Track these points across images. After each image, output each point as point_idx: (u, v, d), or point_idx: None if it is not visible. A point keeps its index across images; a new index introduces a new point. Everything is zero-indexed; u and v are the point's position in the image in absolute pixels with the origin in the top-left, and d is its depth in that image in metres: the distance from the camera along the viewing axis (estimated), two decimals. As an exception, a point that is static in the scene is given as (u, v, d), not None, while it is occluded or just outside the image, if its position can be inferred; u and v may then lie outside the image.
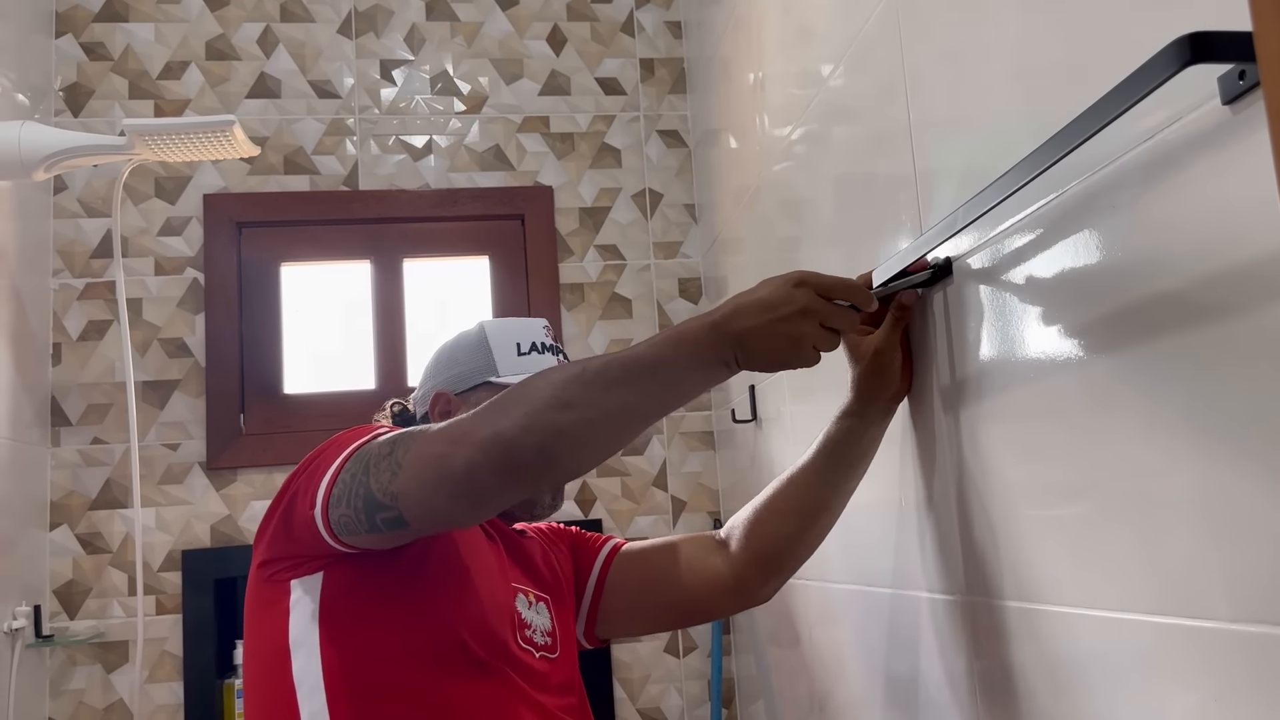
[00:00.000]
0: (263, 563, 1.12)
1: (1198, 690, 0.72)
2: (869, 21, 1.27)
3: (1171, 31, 0.62)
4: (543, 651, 1.19)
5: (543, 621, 1.22)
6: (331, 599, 1.08)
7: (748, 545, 1.30)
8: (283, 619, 1.08)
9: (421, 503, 0.96)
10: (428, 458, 0.95)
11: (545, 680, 1.16)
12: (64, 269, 2.23)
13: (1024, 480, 0.95)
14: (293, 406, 2.31)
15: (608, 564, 1.36)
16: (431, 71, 2.45)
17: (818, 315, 0.94)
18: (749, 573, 1.30)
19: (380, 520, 0.98)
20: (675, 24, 2.55)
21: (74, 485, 2.17)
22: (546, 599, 1.26)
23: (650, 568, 1.35)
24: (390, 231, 2.40)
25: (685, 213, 2.47)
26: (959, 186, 1.05)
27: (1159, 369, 0.74)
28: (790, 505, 1.26)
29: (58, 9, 2.32)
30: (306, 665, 1.06)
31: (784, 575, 1.31)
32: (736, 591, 1.31)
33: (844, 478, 1.23)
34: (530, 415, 0.91)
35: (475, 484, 0.93)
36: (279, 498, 1.08)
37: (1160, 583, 0.75)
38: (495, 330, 1.29)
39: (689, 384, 0.95)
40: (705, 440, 2.40)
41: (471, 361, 1.27)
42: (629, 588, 1.35)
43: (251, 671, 1.12)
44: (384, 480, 0.97)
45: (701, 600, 1.33)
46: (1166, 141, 0.72)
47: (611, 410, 0.92)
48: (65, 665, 2.11)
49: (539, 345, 1.28)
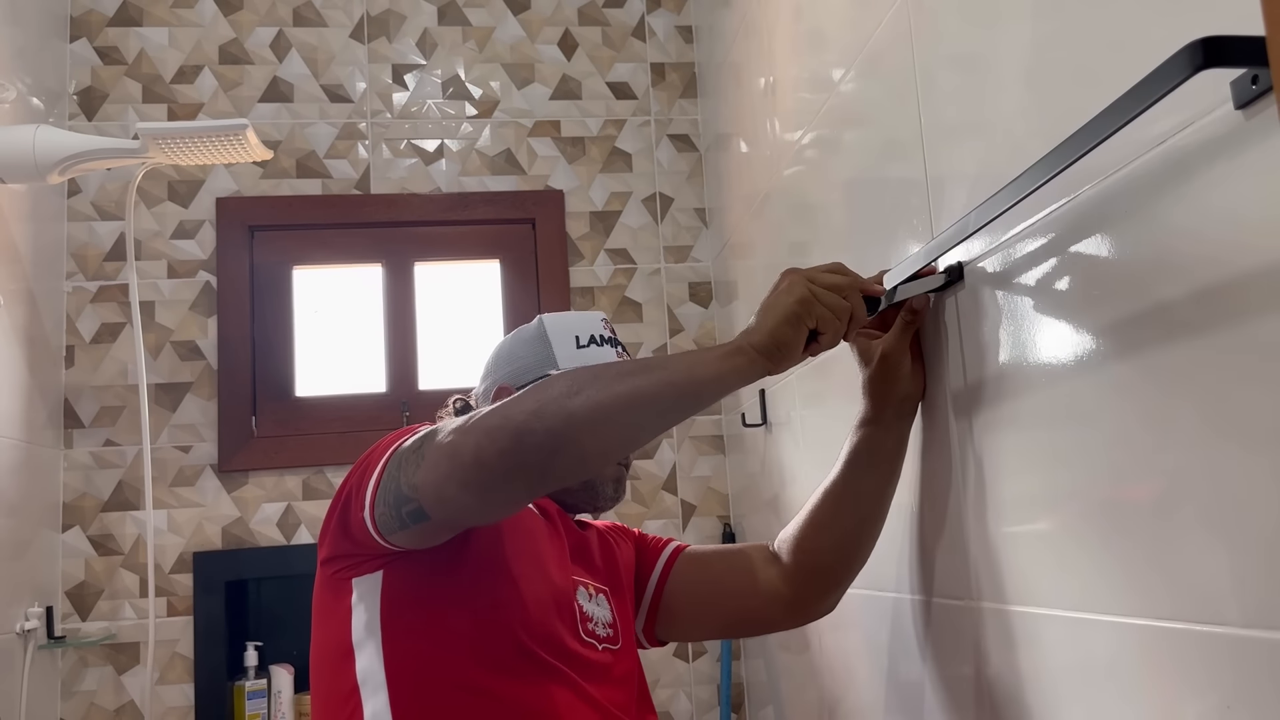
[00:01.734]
0: (325, 560, 1.13)
1: (1209, 697, 0.71)
2: (880, 26, 1.27)
3: (1184, 36, 0.62)
4: (605, 644, 1.19)
5: (604, 614, 1.22)
6: (392, 598, 1.09)
7: (797, 560, 1.29)
8: (346, 617, 1.10)
9: (436, 493, 0.97)
10: (443, 447, 0.96)
11: (607, 672, 1.16)
12: (77, 272, 2.25)
13: (1034, 485, 0.94)
14: (304, 409, 2.31)
15: (669, 565, 1.36)
16: (443, 76, 2.45)
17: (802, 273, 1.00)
18: (804, 587, 1.29)
19: (405, 514, 1.00)
20: (686, 29, 2.55)
21: (86, 487, 2.18)
22: (606, 590, 1.25)
23: (711, 574, 1.35)
24: (401, 235, 2.41)
25: (696, 217, 2.47)
26: (970, 191, 1.05)
27: (1170, 374, 0.74)
28: (827, 519, 1.25)
29: (73, 13, 2.34)
30: (370, 665, 1.08)
31: (840, 587, 1.30)
32: (794, 604, 1.30)
33: (875, 485, 1.22)
34: (542, 402, 0.92)
35: (484, 471, 0.93)
36: (337, 497, 1.10)
37: (1172, 588, 0.75)
38: (554, 324, 1.30)
39: (704, 375, 0.95)
40: (715, 444, 2.39)
41: (532, 355, 1.28)
42: (689, 591, 1.35)
43: (317, 668, 1.14)
44: (409, 473, 0.99)
45: (759, 611, 1.33)
46: (1179, 146, 0.72)
47: (621, 394, 0.92)
48: (77, 666, 2.12)
49: (597, 338, 1.29)
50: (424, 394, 2.34)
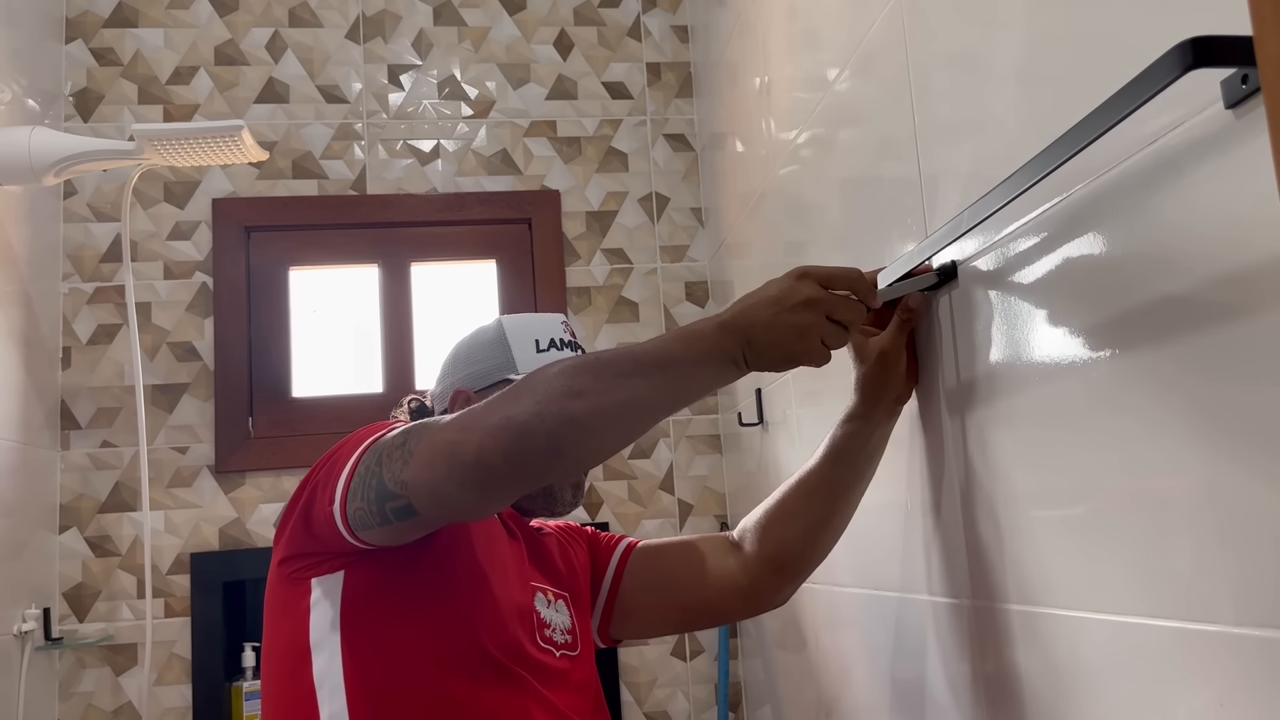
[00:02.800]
0: (283, 560, 1.12)
1: (1204, 694, 0.72)
2: (875, 26, 1.27)
3: (1174, 36, 0.62)
4: (563, 650, 1.19)
5: (562, 620, 1.21)
6: (352, 599, 1.08)
7: (760, 549, 1.29)
8: (303, 618, 1.09)
9: (431, 491, 0.96)
10: (439, 445, 0.95)
11: (565, 679, 1.16)
12: (74, 273, 2.25)
13: (1030, 484, 0.95)
14: (301, 410, 2.31)
15: (623, 562, 1.35)
16: (439, 76, 2.45)
17: (822, 306, 0.94)
18: (762, 577, 1.29)
19: (390, 510, 0.98)
20: (682, 28, 2.55)
21: (83, 488, 2.18)
22: (565, 596, 1.25)
23: (665, 566, 1.34)
24: (398, 235, 2.41)
25: (692, 216, 2.47)
26: (964, 190, 1.05)
27: (1164, 372, 0.74)
28: (799, 509, 1.25)
29: (68, 15, 2.34)
30: (328, 666, 1.06)
31: (798, 579, 1.30)
32: (750, 595, 1.30)
33: (851, 481, 1.22)
34: (542, 403, 0.90)
35: (485, 471, 0.92)
36: (298, 494, 1.08)
37: (1167, 587, 0.75)
38: (513, 327, 1.28)
39: (698, 381, 0.95)
40: (712, 444, 2.40)
41: (490, 359, 1.27)
42: (643, 586, 1.34)
43: (271, 670, 1.12)
44: (395, 469, 0.97)
45: (714, 603, 1.32)
46: (1170, 145, 0.72)
47: (622, 401, 0.91)
48: (74, 668, 2.11)
49: (557, 341, 1.27)
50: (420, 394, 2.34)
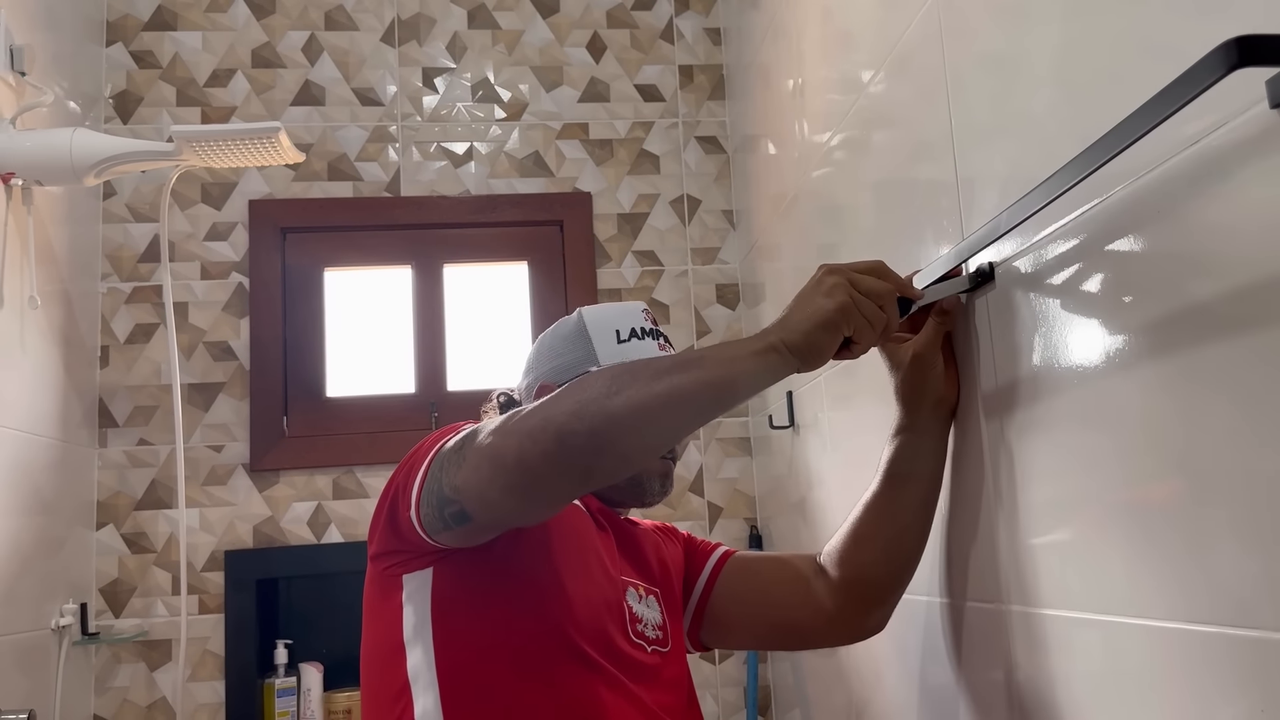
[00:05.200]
0: (375, 556, 1.13)
1: (1243, 701, 0.71)
2: (910, 27, 1.27)
3: (1218, 35, 0.61)
4: (655, 645, 1.17)
5: (654, 615, 1.20)
6: (443, 596, 1.09)
7: (840, 575, 1.25)
8: (396, 614, 1.10)
9: (479, 496, 0.97)
10: (484, 449, 0.96)
11: (656, 675, 1.15)
12: (112, 273, 2.28)
13: (1066, 487, 0.94)
14: (335, 409, 2.33)
15: (717, 569, 1.33)
16: (473, 79, 2.47)
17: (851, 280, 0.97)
18: (847, 604, 1.25)
19: (448, 515, 1.00)
20: (714, 31, 2.55)
21: (120, 486, 2.21)
22: (656, 592, 1.24)
23: (759, 583, 1.32)
24: (431, 237, 2.42)
25: (723, 219, 2.47)
26: (1001, 192, 1.04)
27: (1204, 376, 0.73)
28: (868, 532, 1.22)
29: (109, 18, 2.37)
30: (421, 661, 1.07)
31: (885, 604, 1.26)
32: (837, 621, 1.26)
33: (914, 496, 1.18)
34: (581, 403, 0.91)
35: (527, 474, 0.93)
36: (385, 493, 1.10)
37: (1206, 591, 0.74)
38: (594, 318, 1.28)
39: (740, 372, 0.94)
40: (742, 446, 2.39)
41: (572, 352, 1.27)
42: (734, 598, 1.32)
43: (368, 664, 1.14)
44: (451, 475, 0.99)
45: (803, 624, 1.29)
46: (1213, 146, 0.71)
47: (659, 394, 0.91)
48: (110, 662, 2.14)
49: (638, 331, 1.27)
50: (452, 395, 2.35)
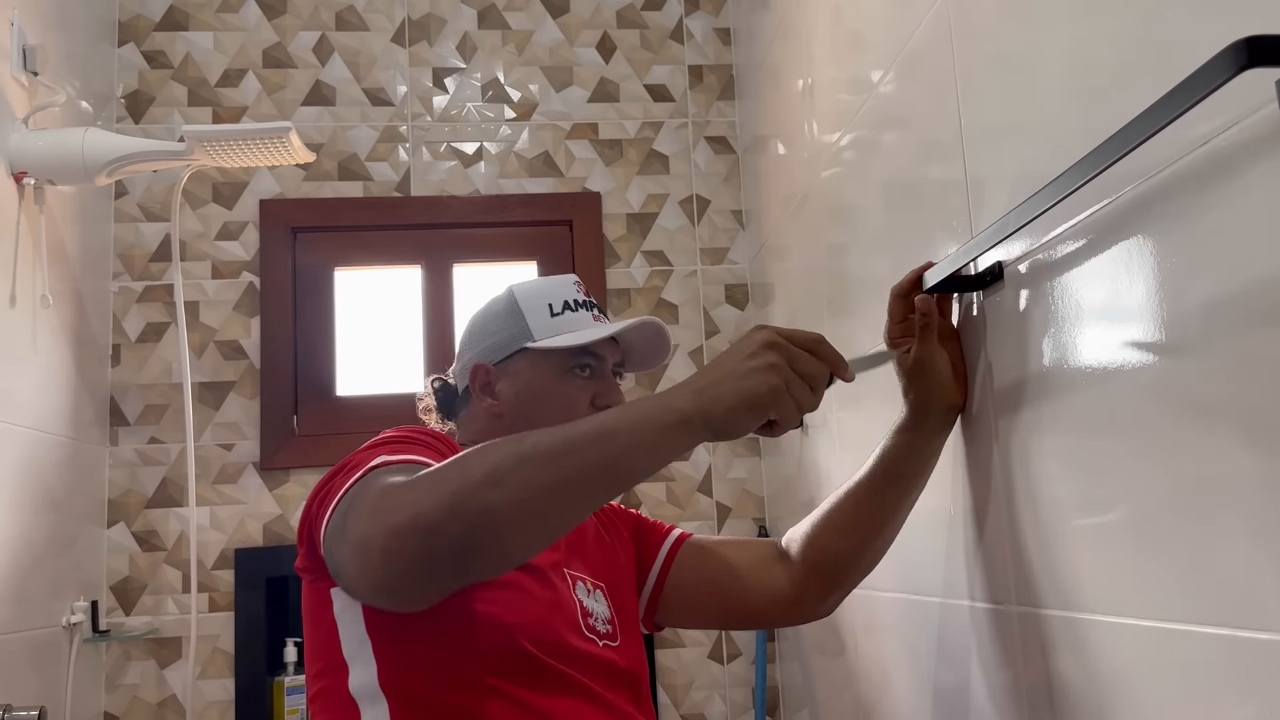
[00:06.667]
0: (299, 568, 1.10)
1: (1252, 704, 0.70)
2: (920, 27, 1.27)
3: (1228, 35, 0.61)
4: (605, 640, 1.15)
5: (602, 610, 1.19)
6: (377, 614, 1.04)
7: (806, 559, 1.27)
8: (332, 629, 1.06)
9: (352, 586, 0.94)
10: (358, 533, 0.89)
11: (611, 668, 1.13)
12: (124, 272, 2.29)
13: (1075, 489, 0.94)
14: (345, 408, 2.34)
15: (672, 555, 1.33)
16: (483, 79, 2.47)
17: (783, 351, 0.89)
18: (808, 587, 1.27)
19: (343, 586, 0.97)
20: (724, 31, 2.55)
21: (131, 484, 2.21)
22: (602, 586, 1.22)
23: (714, 568, 1.32)
24: (441, 237, 2.43)
25: (732, 219, 2.47)
26: (1011, 192, 1.04)
27: (1213, 377, 0.73)
28: (848, 520, 1.23)
29: (120, 18, 2.38)
30: (365, 678, 1.04)
31: (843, 590, 1.28)
32: (795, 604, 1.29)
33: (901, 494, 1.20)
34: (458, 494, 0.83)
35: (392, 575, 0.86)
36: (306, 509, 1.04)
37: (1215, 594, 0.74)
38: (525, 293, 1.24)
39: (642, 449, 0.87)
40: (751, 446, 2.39)
41: (505, 329, 1.23)
42: (689, 582, 1.32)
43: (313, 679, 1.10)
44: (335, 548, 0.94)
45: (758, 609, 1.31)
46: (1222, 147, 0.71)
47: (546, 485, 0.84)
48: (121, 660, 2.15)
49: (571, 303, 1.23)
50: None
